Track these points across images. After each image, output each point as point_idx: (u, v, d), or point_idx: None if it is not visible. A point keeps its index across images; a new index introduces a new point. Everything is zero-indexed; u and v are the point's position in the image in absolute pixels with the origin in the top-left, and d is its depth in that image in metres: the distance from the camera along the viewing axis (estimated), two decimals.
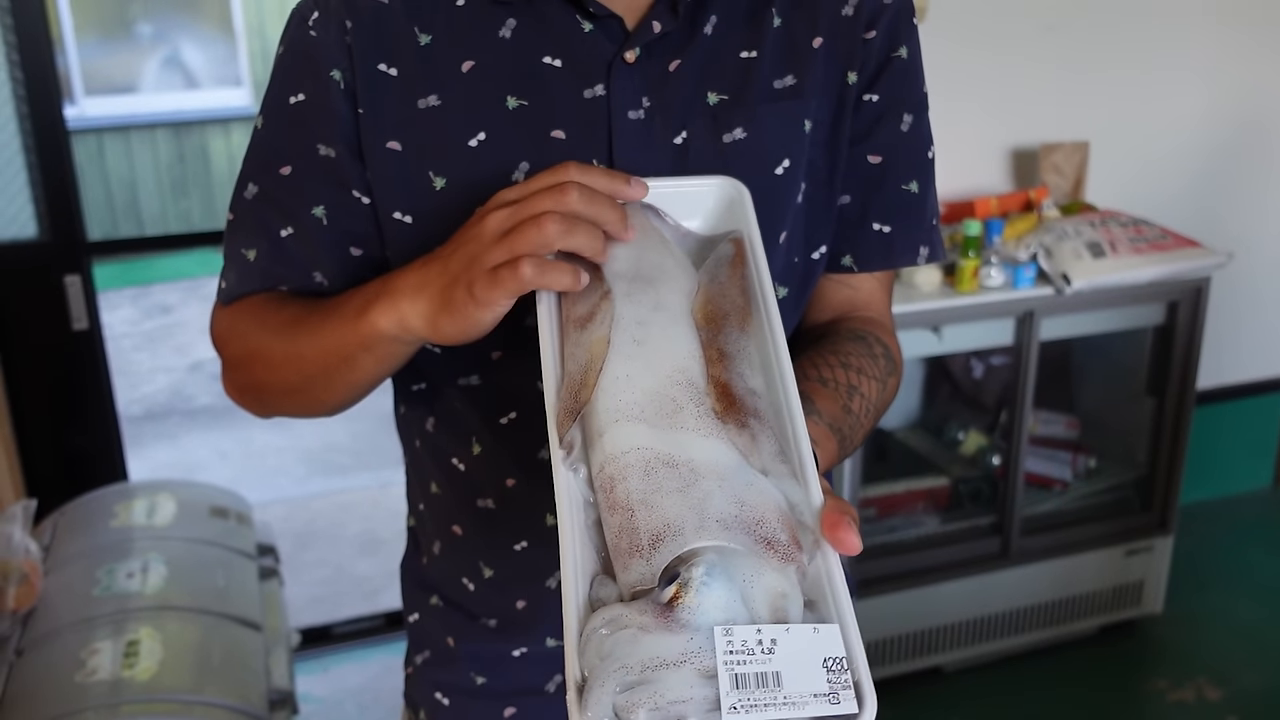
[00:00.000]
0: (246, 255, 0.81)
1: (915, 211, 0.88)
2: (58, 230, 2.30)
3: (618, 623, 0.54)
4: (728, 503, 0.57)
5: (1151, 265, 2.33)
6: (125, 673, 1.64)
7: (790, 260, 0.85)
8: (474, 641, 0.89)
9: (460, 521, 0.87)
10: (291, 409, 0.85)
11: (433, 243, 0.76)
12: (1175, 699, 2.47)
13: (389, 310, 0.69)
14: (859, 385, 0.82)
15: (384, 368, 0.76)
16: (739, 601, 0.54)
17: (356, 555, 3.16)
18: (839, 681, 0.52)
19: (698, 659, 0.52)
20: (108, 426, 2.44)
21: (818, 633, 0.54)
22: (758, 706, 0.50)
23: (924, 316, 2.24)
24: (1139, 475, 2.64)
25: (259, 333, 0.81)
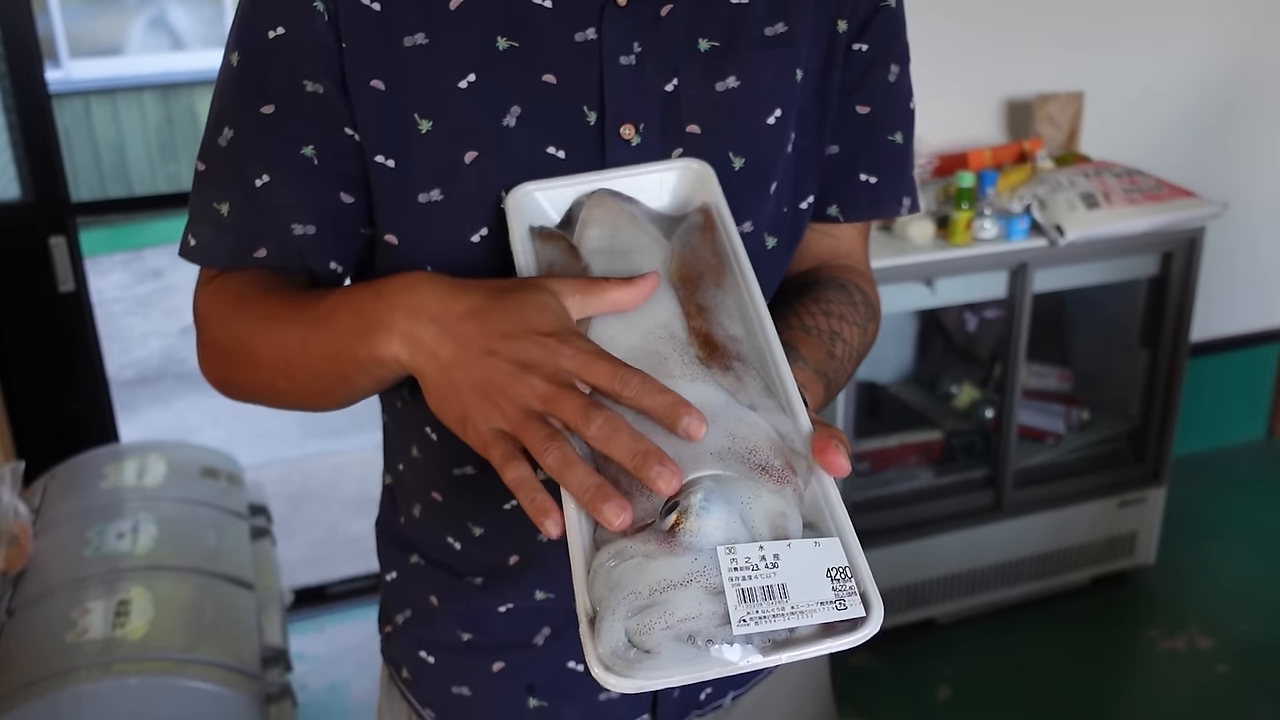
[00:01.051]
0: (219, 209, 0.76)
1: (900, 162, 0.88)
2: (41, 191, 2.28)
3: (623, 554, 0.55)
4: (720, 437, 0.58)
5: (1146, 216, 2.31)
6: (117, 632, 1.64)
7: (779, 210, 0.84)
8: (458, 599, 0.88)
9: (440, 488, 0.86)
10: (272, 406, 0.80)
11: (416, 189, 0.74)
12: (1167, 648, 2.48)
13: (387, 343, 0.64)
14: (841, 331, 0.82)
15: (381, 388, 0.74)
16: (739, 522, 0.55)
17: (351, 516, 3.16)
18: (844, 589, 0.53)
19: (704, 578, 0.53)
20: (97, 389, 2.43)
21: (819, 546, 0.55)
22: (766, 618, 0.52)
23: (917, 269, 2.22)
24: (1132, 427, 2.64)
25: (244, 327, 0.75)
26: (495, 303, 0.62)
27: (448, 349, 0.62)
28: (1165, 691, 2.37)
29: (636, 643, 0.53)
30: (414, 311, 0.64)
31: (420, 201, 0.75)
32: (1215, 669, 2.41)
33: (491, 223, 0.75)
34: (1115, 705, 2.33)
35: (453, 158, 0.74)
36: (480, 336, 0.61)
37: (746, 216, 0.80)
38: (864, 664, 2.41)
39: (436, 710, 0.92)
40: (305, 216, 0.76)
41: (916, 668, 2.42)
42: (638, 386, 0.58)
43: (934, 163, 2.46)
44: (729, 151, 0.78)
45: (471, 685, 0.89)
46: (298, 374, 0.73)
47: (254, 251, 0.77)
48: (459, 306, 0.63)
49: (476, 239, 0.75)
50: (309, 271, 0.78)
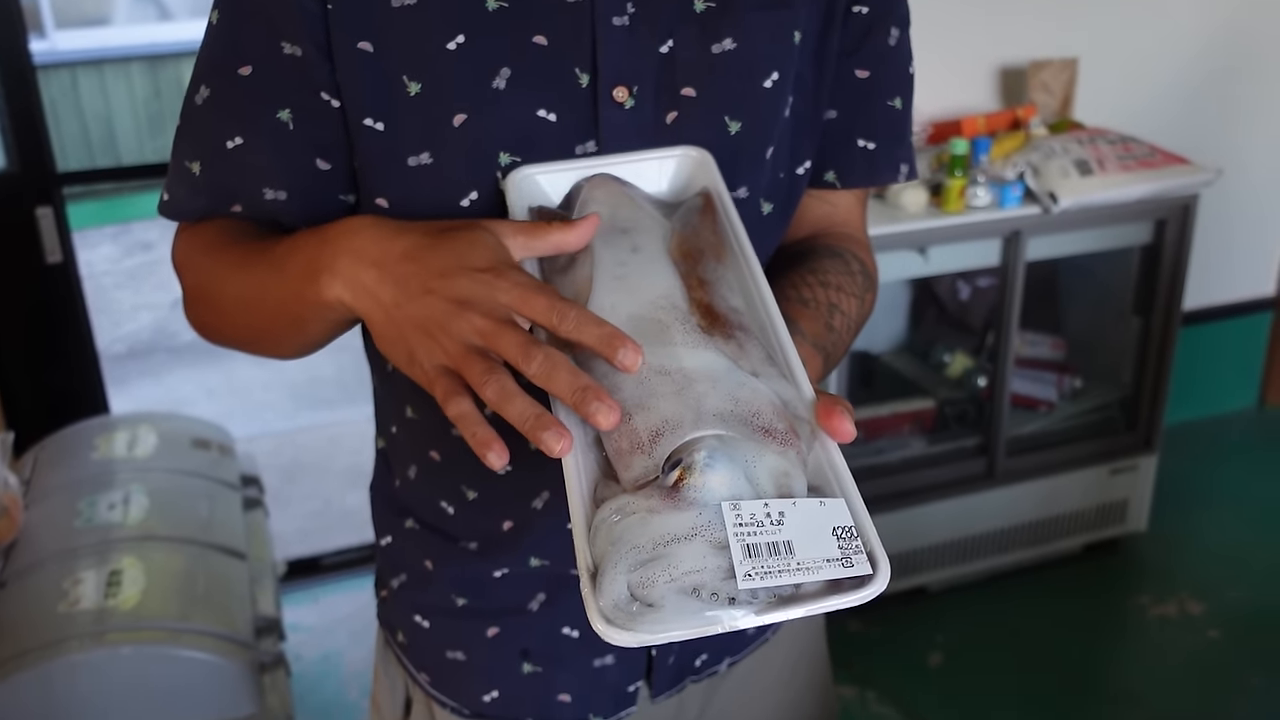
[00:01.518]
0: (191, 168, 0.76)
1: (898, 128, 0.87)
2: (26, 161, 2.25)
3: (625, 510, 0.55)
4: (722, 400, 0.58)
5: (1140, 182, 2.30)
6: (109, 602, 1.63)
7: (776, 176, 0.82)
8: (453, 564, 0.88)
9: (437, 448, 0.86)
10: (248, 351, 0.82)
11: (405, 152, 0.73)
12: (1158, 614, 2.50)
13: (331, 285, 0.66)
14: (839, 303, 0.81)
15: (336, 331, 0.74)
16: (743, 480, 0.55)
17: (345, 488, 3.16)
18: (850, 547, 0.53)
19: (708, 532, 0.53)
20: (87, 360, 2.42)
21: (824, 505, 0.55)
22: (772, 573, 0.51)
23: (909, 237, 2.22)
24: (1124, 395, 2.64)
25: (214, 270, 0.77)
26: (433, 242, 0.63)
27: (388, 291, 0.63)
28: (1156, 657, 2.39)
29: (639, 596, 0.52)
30: (356, 255, 0.64)
31: (410, 165, 0.74)
32: (1206, 635, 2.42)
33: (482, 187, 0.74)
34: (1106, 671, 2.35)
35: (442, 120, 0.72)
36: (419, 276, 0.62)
37: (741, 182, 0.79)
38: (856, 631, 2.42)
39: (431, 674, 0.91)
40: (277, 181, 0.75)
41: (908, 635, 2.43)
42: (575, 319, 0.58)
43: (927, 130, 2.44)
44: (724, 115, 0.77)
45: (466, 650, 0.89)
46: (258, 318, 0.74)
47: (230, 207, 0.77)
48: (398, 248, 0.63)
49: (467, 203, 0.74)
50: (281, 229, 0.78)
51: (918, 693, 2.26)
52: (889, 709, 2.21)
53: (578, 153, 0.74)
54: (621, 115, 0.74)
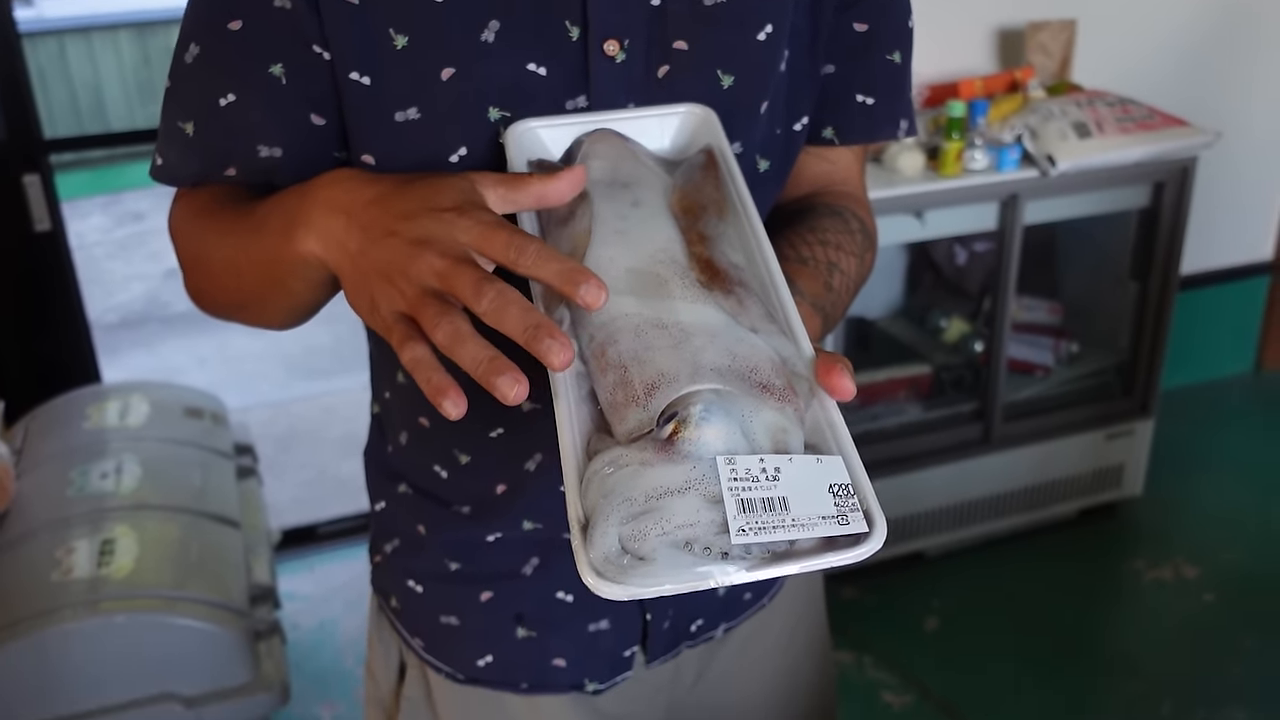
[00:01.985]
0: (184, 129, 0.74)
1: (897, 82, 0.85)
2: (12, 128, 2.23)
3: (618, 462, 0.54)
4: (720, 355, 0.57)
5: (1138, 145, 2.28)
6: (103, 570, 1.63)
7: (772, 132, 0.81)
8: (446, 529, 0.87)
9: (427, 413, 0.84)
10: (241, 321, 0.80)
11: (392, 107, 0.71)
12: (1152, 577, 2.50)
13: (305, 239, 0.64)
14: (838, 262, 0.80)
15: (320, 294, 0.72)
16: (739, 435, 0.54)
17: (339, 457, 3.16)
18: (846, 505, 0.52)
19: (702, 486, 0.52)
20: (77, 330, 2.40)
21: (821, 463, 0.54)
22: (766, 529, 0.50)
23: (906, 201, 2.20)
24: (1121, 360, 2.64)
25: (203, 235, 0.75)
26: (401, 187, 0.62)
27: (355, 238, 0.61)
28: (1151, 621, 2.39)
29: (630, 549, 0.51)
30: (328, 205, 0.63)
31: (397, 120, 0.72)
32: (1201, 598, 2.43)
33: (471, 142, 0.72)
34: (1102, 635, 2.36)
35: (429, 74, 0.71)
36: (383, 219, 0.60)
37: (735, 137, 0.77)
38: (852, 596, 2.42)
39: (425, 639, 0.91)
40: (272, 138, 0.73)
41: (904, 600, 2.43)
42: (534, 254, 0.56)
43: (924, 93, 2.42)
44: (717, 69, 0.75)
45: (460, 615, 0.88)
46: (245, 280, 0.72)
47: (224, 170, 0.75)
48: (366, 195, 0.62)
49: (455, 159, 0.73)
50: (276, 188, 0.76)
51: (914, 657, 2.26)
52: (886, 673, 2.22)
53: (568, 108, 0.73)
54: (612, 69, 0.73)
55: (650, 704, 0.94)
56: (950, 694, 2.17)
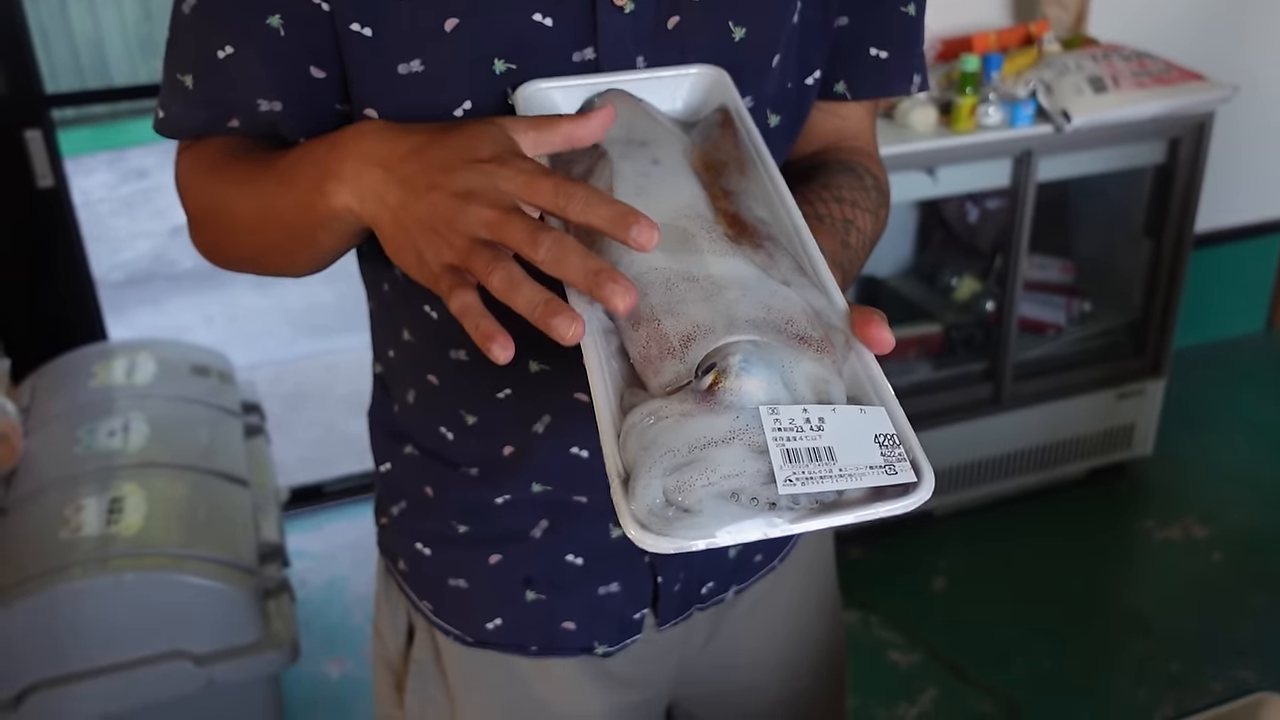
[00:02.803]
0: (184, 81, 0.73)
1: (911, 36, 0.83)
2: (13, 82, 2.20)
3: (659, 413, 0.53)
4: (754, 307, 0.56)
5: (1154, 99, 2.24)
6: (111, 529, 1.63)
7: (783, 86, 0.79)
8: (454, 490, 0.86)
9: (435, 371, 0.83)
10: (258, 271, 0.80)
11: (395, 59, 0.69)
12: (1162, 537, 2.50)
13: (338, 192, 0.64)
14: (854, 219, 0.78)
15: (346, 244, 0.71)
16: (780, 385, 0.53)
17: (346, 415, 3.15)
18: (893, 455, 0.51)
19: (746, 436, 0.51)
20: (82, 287, 2.39)
21: (865, 413, 0.53)
22: (813, 479, 0.49)
23: (918, 158, 2.17)
24: (1133, 319, 2.61)
25: (218, 188, 0.74)
26: (437, 138, 0.62)
27: (394, 192, 0.61)
28: (1160, 580, 2.39)
29: (675, 501, 0.50)
30: (362, 158, 0.63)
31: (400, 72, 0.70)
32: (1210, 558, 2.42)
33: (476, 95, 0.70)
34: (1111, 595, 2.36)
35: (433, 25, 0.69)
36: (423, 173, 0.60)
37: (746, 91, 0.75)
38: (860, 556, 2.42)
39: (433, 602, 0.90)
40: (271, 91, 0.72)
41: (912, 559, 2.43)
42: (583, 199, 0.56)
43: (937, 47, 2.38)
44: (728, 20, 0.73)
45: (468, 578, 0.87)
46: (269, 234, 0.72)
47: (227, 122, 0.74)
48: (402, 147, 0.62)
49: (460, 113, 0.71)
50: (279, 142, 0.75)
51: (922, 617, 2.27)
52: (893, 633, 2.22)
53: (574, 60, 0.71)
54: (621, 20, 0.70)
55: (660, 664, 0.93)
56: (957, 653, 2.17)
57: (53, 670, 1.54)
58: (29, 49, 2.20)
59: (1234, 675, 2.10)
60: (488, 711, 0.91)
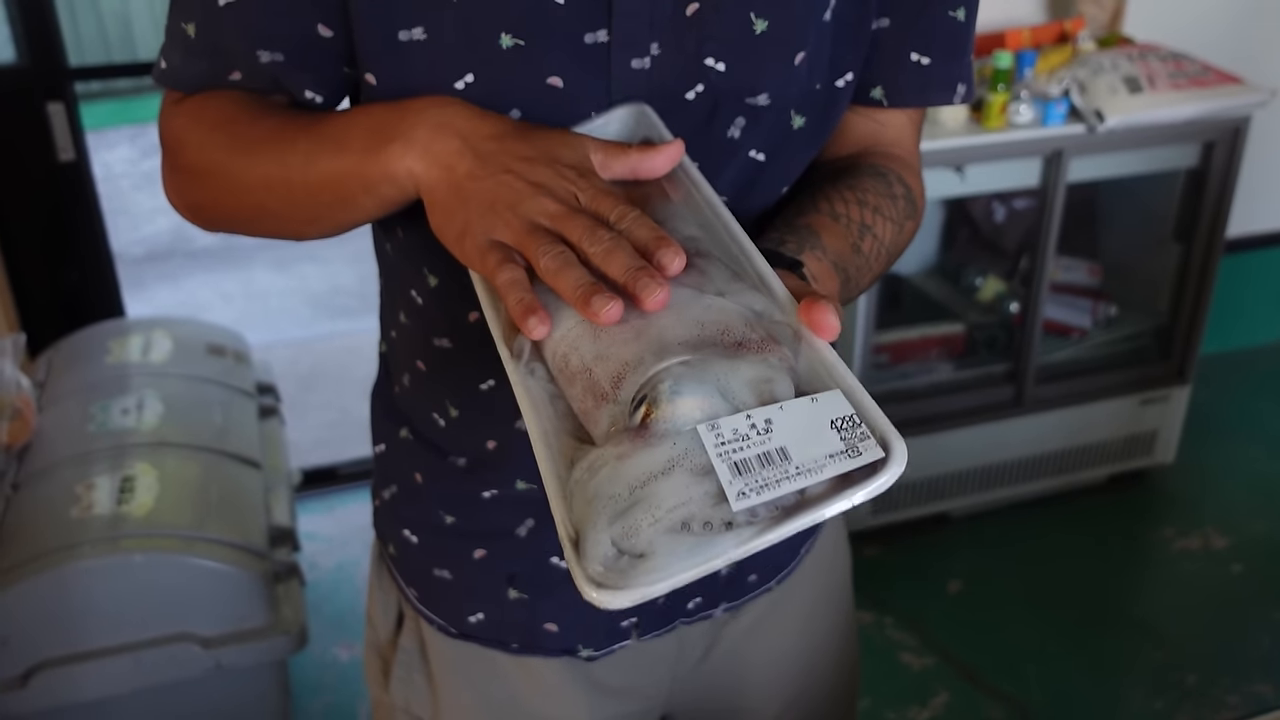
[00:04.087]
0: (186, 29, 0.71)
1: (958, 43, 0.78)
2: (37, 54, 2.19)
3: (595, 464, 0.50)
4: (687, 328, 0.54)
5: (1190, 102, 2.20)
6: (123, 508, 1.62)
7: (810, 86, 0.75)
8: (443, 480, 0.85)
9: (422, 357, 0.82)
10: (258, 233, 0.77)
11: (397, 24, 0.67)
12: (1181, 547, 2.46)
13: (403, 155, 0.63)
14: (873, 225, 0.75)
15: (384, 211, 0.68)
16: (718, 398, 0.50)
17: (362, 398, 3.12)
18: (854, 436, 0.48)
19: (687, 460, 0.48)
20: (101, 262, 2.38)
21: (817, 401, 0.49)
22: (769, 485, 0.46)
23: (947, 155, 2.13)
24: (1160, 324, 2.57)
25: (229, 147, 0.71)
26: (523, 130, 0.64)
27: (467, 162, 0.62)
28: (1179, 590, 2.36)
29: (626, 549, 0.47)
30: (440, 126, 0.63)
31: (401, 39, 0.68)
32: (1230, 569, 2.39)
33: (479, 69, 0.68)
34: (1128, 603, 2.32)
35: None
36: (501, 156, 0.62)
37: (764, 88, 0.72)
38: (874, 556, 2.40)
39: (419, 590, 0.89)
40: (273, 43, 0.70)
41: (928, 561, 2.41)
42: (633, 219, 0.59)
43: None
44: (750, 12, 0.70)
45: (453, 569, 0.86)
46: (295, 194, 0.70)
47: (228, 74, 0.72)
48: (486, 127, 0.63)
49: (461, 85, 0.68)
50: (281, 96, 0.73)
51: (936, 619, 2.24)
52: (906, 634, 2.20)
53: (587, 41, 0.68)
54: (637, 3, 0.68)
55: (651, 676, 0.91)
56: (971, 658, 2.15)
57: (60, 649, 1.53)
58: (54, 21, 2.19)
59: (1251, 690, 2.06)
60: (470, 704, 0.89)
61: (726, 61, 0.70)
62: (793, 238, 0.69)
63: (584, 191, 0.60)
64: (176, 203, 0.78)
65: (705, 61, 0.70)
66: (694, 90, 0.71)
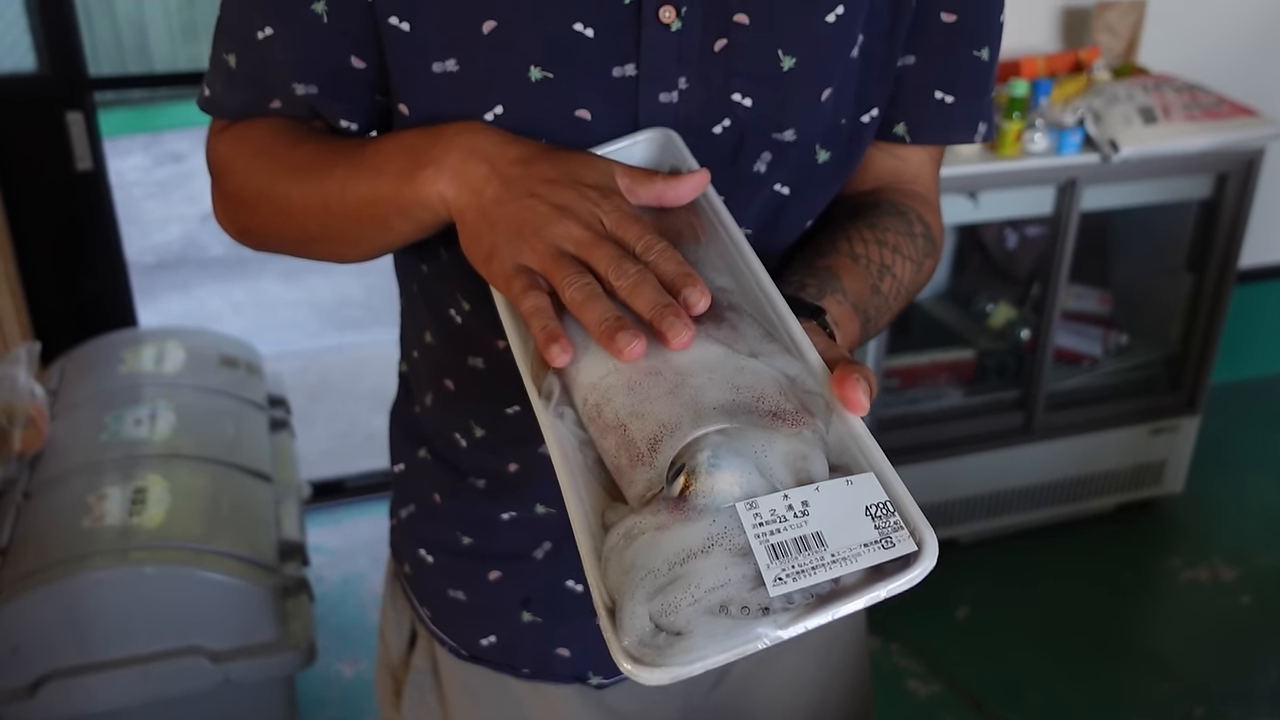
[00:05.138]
0: (228, 60, 0.73)
1: (981, 82, 0.79)
2: (57, 64, 2.20)
3: (632, 532, 0.50)
4: (722, 391, 0.54)
5: (1205, 133, 2.21)
6: (134, 519, 1.62)
7: (836, 121, 0.75)
8: (461, 500, 0.85)
9: (452, 376, 0.82)
10: (305, 255, 0.79)
11: (430, 56, 0.68)
12: (1190, 578, 2.45)
13: (435, 180, 0.65)
14: (892, 265, 0.75)
15: (419, 235, 0.70)
16: (755, 474, 0.50)
17: (370, 411, 3.15)
18: (888, 525, 0.48)
19: (726, 540, 0.48)
20: (115, 271, 2.39)
21: (852, 484, 0.49)
22: (805, 571, 0.46)
23: (961, 181, 2.14)
24: (1170, 353, 2.57)
25: (271, 172, 0.73)
26: (549, 153, 0.64)
27: (494, 188, 0.63)
28: (1186, 621, 2.35)
29: (664, 625, 0.47)
30: (470, 151, 0.65)
31: (434, 71, 0.69)
32: (1239, 600, 2.38)
33: (507, 100, 0.69)
34: (1136, 633, 2.32)
35: (470, 25, 0.67)
36: (527, 179, 0.62)
37: (790, 124, 0.73)
38: None
39: (433, 611, 0.89)
40: (306, 75, 0.71)
41: (935, 587, 2.38)
42: (660, 252, 0.58)
43: None
44: (778, 49, 0.70)
45: (467, 591, 0.86)
46: (334, 218, 0.71)
47: (269, 103, 0.74)
48: (512, 153, 0.64)
49: (491, 116, 0.69)
50: (320, 125, 0.75)
51: (943, 646, 2.23)
52: (913, 661, 2.19)
53: (615, 75, 0.69)
54: (665, 37, 0.68)
55: (663, 704, 0.91)
56: (977, 685, 2.14)
57: (69, 660, 1.53)
58: (75, 31, 2.20)
59: None
60: None
61: (754, 97, 0.71)
62: (813, 281, 0.69)
63: (608, 215, 0.60)
64: (226, 225, 0.80)
65: (732, 97, 0.71)
66: (721, 125, 0.71)
